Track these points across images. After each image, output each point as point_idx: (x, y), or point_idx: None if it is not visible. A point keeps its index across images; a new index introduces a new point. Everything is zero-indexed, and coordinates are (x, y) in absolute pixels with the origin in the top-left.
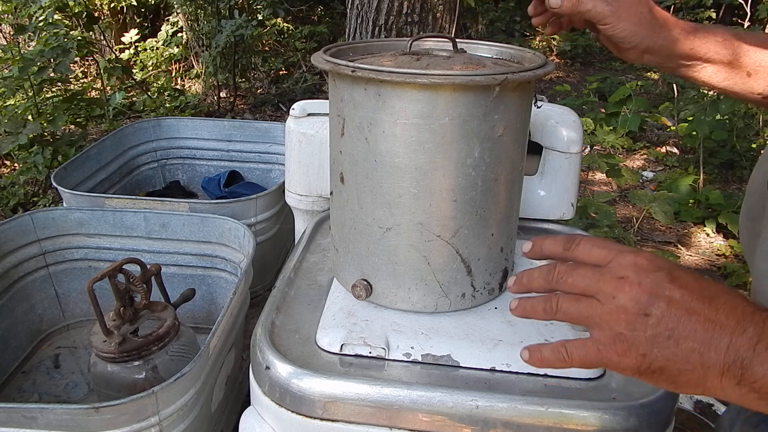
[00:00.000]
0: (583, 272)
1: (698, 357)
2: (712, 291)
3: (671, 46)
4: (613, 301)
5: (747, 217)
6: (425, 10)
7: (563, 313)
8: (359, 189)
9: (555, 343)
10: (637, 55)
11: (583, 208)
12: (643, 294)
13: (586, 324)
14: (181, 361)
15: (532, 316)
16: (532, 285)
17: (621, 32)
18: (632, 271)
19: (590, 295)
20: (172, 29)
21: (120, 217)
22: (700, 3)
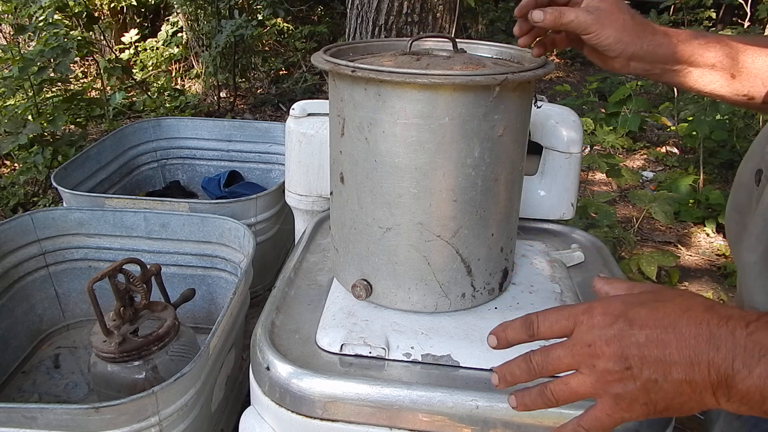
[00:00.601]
0: (557, 354)
1: (688, 387)
2: (671, 316)
3: (656, 51)
4: (595, 369)
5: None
6: (425, 10)
7: (562, 400)
8: (359, 189)
9: (572, 422)
10: (623, 63)
11: (583, 208)
12: (615, 350)
13: (586, 398)
14: (181, 361)
15: (534, 409)
16: (517, 381)
17: (605, 39)
18: (595, 334)
19: (574, 369)
20: (172, 29)
21: (120, 217)
22: (700, 3)
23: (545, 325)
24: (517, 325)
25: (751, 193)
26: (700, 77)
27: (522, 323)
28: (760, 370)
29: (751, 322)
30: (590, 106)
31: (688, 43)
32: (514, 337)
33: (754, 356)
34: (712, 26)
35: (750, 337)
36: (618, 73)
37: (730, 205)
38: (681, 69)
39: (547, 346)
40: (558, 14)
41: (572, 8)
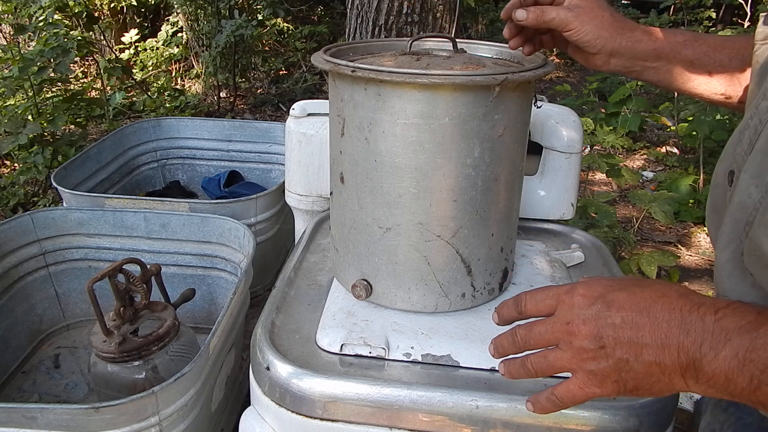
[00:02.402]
0: (538, 330)
1: (658, 368)
2: (647, 301)
3: (635, 47)
4: (572, 345)
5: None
6: (425, 10)
7: (541, 372)
8: (359, 189)
9: (546, 391)
10: (604, 60)
11: (583, 208)
12: (591, 329)
13: (562, 372)
14: (181, 361)
15: (518, 378)
16: (507, 352)
17: (585, 35)
18: (574, 312)
19: (554, 344)
20: (172, 29)
21: (120, 217)
22: (700, 3)
23: (531, 304)
24: (510, 303)
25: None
26: (678, 75)
27: (513, 302)
28: (725, 353)
29: (720, 308)
30: (590, 106)
31: (666, 40)
32: (507, 313)
33: (721, 340)
34: (712, 26)
35: (718, 323)
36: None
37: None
38: (660, 66)
39: (531, 322)
40: (540, 12)
41: (554, 7)
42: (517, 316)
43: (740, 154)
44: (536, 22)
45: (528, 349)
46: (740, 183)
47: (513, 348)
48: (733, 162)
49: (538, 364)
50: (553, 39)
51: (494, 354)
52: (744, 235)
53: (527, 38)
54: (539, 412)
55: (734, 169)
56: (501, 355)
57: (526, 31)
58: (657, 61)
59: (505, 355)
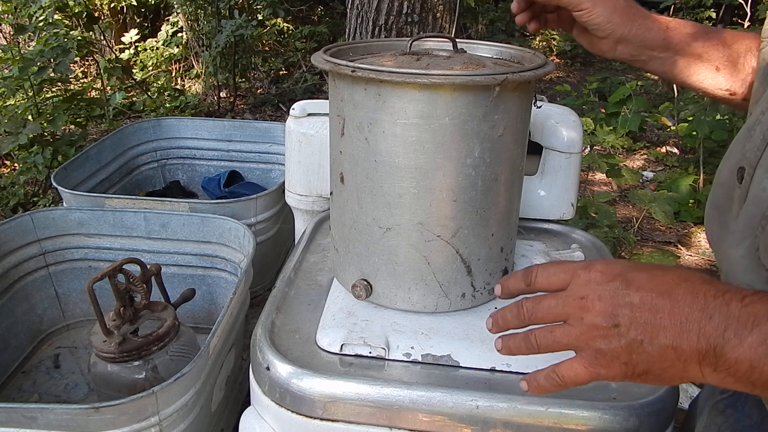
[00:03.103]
0: (548, 303)
1: (673, 353)
2: (670, 284)
3: (645, 35)
4: (583, 321)
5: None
6: (425, 10)
7: (544, 347)
8: (359, 189)
9: (546, 369)
10: (611, 46)
11: (583, 208)
12: (606, 307)
13: (568, 349)
14: (181, 361)
15: (517, 353)
16: (508, 326)
17: (596, 18)
18: (590, 288)
19: (562, 321)
20: (172, 29)
21: (120, 217)
22: (700, 3)
23: (543, 276)
24: (519, 275)
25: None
26: (685, 67)
27: (522, 273)
28: (752, 339)
29: (747, 296)
30: (590, 106)
31: (677, 31)
32: (514, 285)
33: (747, 326)
34: (712, 26)
35: (745, 309)
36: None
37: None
38: (667, 57)
39: (540, 295)
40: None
41: None
42: (524, 289)
43: (751, 150)
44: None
45: (533, 324)
46: (755, 178)
47: (516, 321)
48: (743, 158)
49: (543, 339)
50: (559, 19)
51: (492, 327)
52: (760, 230)
53: (534, 15)
54: (534, 392)
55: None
56: (501, 328)
57: (534, 7)
58: (665, 52)
59: (505, 329)
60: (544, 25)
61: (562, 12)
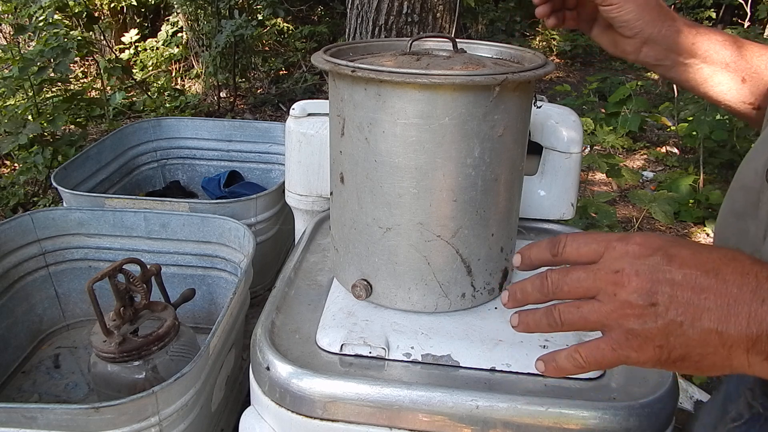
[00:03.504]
0: (577, 275)
1: (717, 337)
2: (716, 262)
3: (673, 38)
4: (615, 298)
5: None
6: (425, 10)
7: (569, 324)
8: (359, 189)
9: (568, 349)
10: (636, 47)
11: (583, 208)
12: (644, 283)
13: (595, 328)
14: (181, 361)
15: (536, 331)
16: (528, 299)
17: (626, 14)
18: (626, 261)
19: (591, 296)
20: (172, 29)
21: (120, 217)
22: (700, 3)
23: (573, 246)
24: (543, 243)
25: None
26: (710, 76)
27: (548, 242)
28: None
29: None
30: (590, 106)
31: (706, 37)
32: (538, 255)
33: None
34: (712, 26)
35: None
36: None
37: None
38: (693, 63)
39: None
40: None
41: None
42: (548, 260)
43: None
44: None
45: (557, 298)
46: None
47: (538, 294)
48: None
49: (568, 315)
50: (578, 17)
51: (508, 301)
52: None
53: (554, 8)
54: (551, 374)
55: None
56: (518, 303)
57: (555, 1)
58: (691, 58)
59: (524, 303)
60: (561, 22)
61: (582, 10)
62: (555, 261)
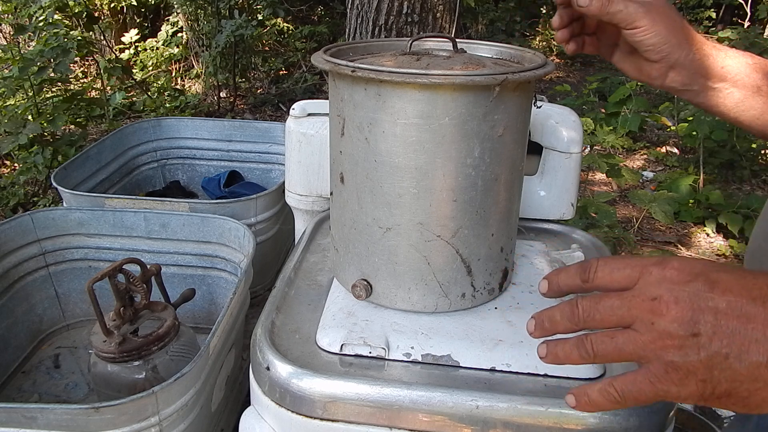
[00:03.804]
0: (610, 303)
1: None
2: (763, 288)
3: (702, 61)
4: (653, 327)
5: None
6: (425, 10)
7: (602, 356)
8: (359, 189)
9: (602, 382)
10: (662, 72)
11: (583, 208)
12: (685, 311)
13: (631, 360)
14: (181, 361)
15: (566, 362)
16: (557, 329)
17: (653, 38)
18: (664, 287)
19: (625, 326)
20: (172, 29)
21: (120, 217)
22: (700, 3)
23: (605, 271)
24: (572, 269)
25: None
26: (741, 101)
27: (578, 267)
28: None
29: None
30: (590, 106)
31: (736, 59)
32: (566, 281)
33: None
34: (712, 26)
35: None
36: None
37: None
38: (723, 88)
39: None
40: (606, 1)
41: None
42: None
43: None
44: (599, 12)
45: (589, 327)
46: None
47: (568, 323)
48: None
49: (601, 346)
50: (597, 42)
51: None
52: None
53: (574, 33)
54: (583, 409)
55: None
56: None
57: (575, 26)
58: (720, 82)
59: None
60: (581, 47)
61: (602, 35)
62: (585, 287)
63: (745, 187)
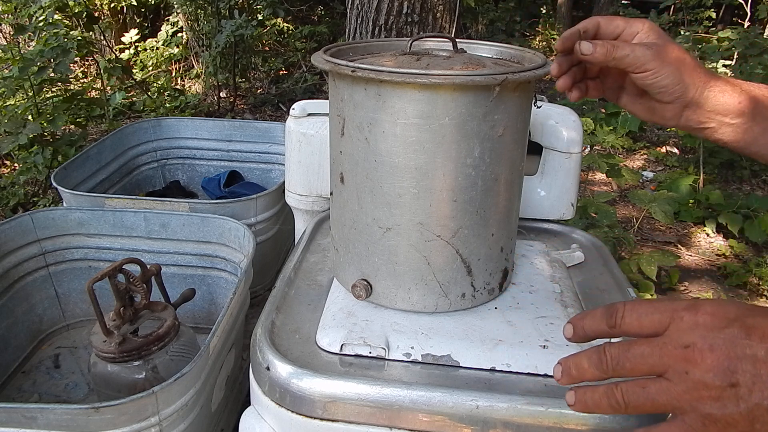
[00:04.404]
0: (640, 350)
1: None
2: None
3: (718, 98)
4: (687, 377)
5: None
6: (425, 10)
7: (634, 407)
8: (359, 189)
9: None
10: (676, 112)
11: (583, 208)
12: (721, 360)
13: (665, 411)
14: (181, 361)
15: (596, 412)
16: (584, 376)
17: (664, 79)
18: (697, 334)
19: (657, 374)
20: (172, 29)
21: (120, 217)
22: (700, 3)
23: (632, 316)
24: (598, 313)
25: None
26: (761, 134)
27: (604, 311)
28: None
29: None
30: (590, 106)
31: (752, 93)
32: (592, 326)
33: None
34: (712, 26)
35: None
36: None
37: None
38: (740, 124)
39: (628, 341)
40: (611, 47)
41: (626, 42)
42: (605, 332)
43: None
44: (605, 58)
45: (618, 376)
46: None
47: (596, 371)
48: None
49: (632, 396)
50: (602, 86)
51: (561, 377)
52: None
53: (575, 80)
54: None
55: None
56: (574, 379)
57: (576, 72)
58: (738, 118)
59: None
60: (585, 93)
61: (606, 78)
62: (612, 333)
63: (745, 187)
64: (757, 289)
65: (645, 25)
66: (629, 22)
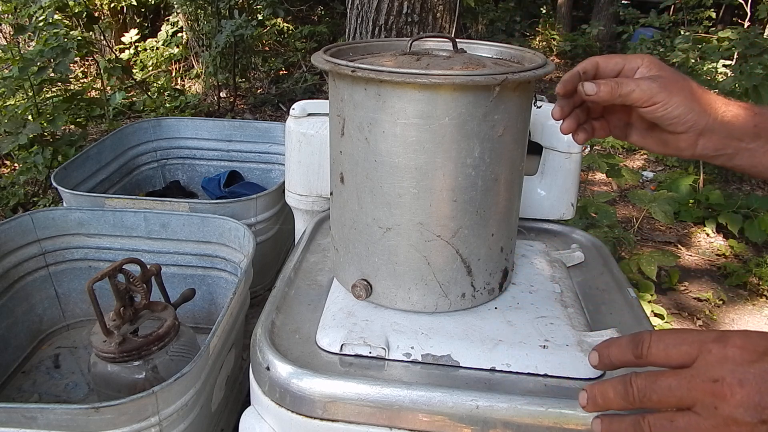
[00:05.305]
0: (668, 383)
1: None
2: None
3: (733, 123)
4: (717, 412)
5: None
6: (425, 10)
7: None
8: (359, 189)
9: None
10: (691, 142)
11: (583, 208)
12: (751, 395)
13: None
14: (181, 361)
15: None
16: (610, 406)
17: (674, 110)
18: (727, 368)
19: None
20: (172, 29)
21: (120, 217)
22: (700, 3)
23: (659, 347)
24: (624, 342)
25: None
26: None
27: (630, 340)
28: None
29: None
30: None
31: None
32: (618, 356)
33: None
34: (712, 26)
35: None
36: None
37: None
38: (758, 147)
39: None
40: (615, 85)
41: (630, 78)
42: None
43: None
44: (610, 96)
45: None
46: None
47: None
48: None
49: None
50: (608, 125)
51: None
52: None
53: (579, 122)
54: None
55: None
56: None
57: (579, 114)
58: (755, 141)
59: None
60: (591, 134)
61: (611, 117)
62: (639, 363)
63: (745, 187)
64: (757, 289)
65: (645, 59)
66: (627, 58)
